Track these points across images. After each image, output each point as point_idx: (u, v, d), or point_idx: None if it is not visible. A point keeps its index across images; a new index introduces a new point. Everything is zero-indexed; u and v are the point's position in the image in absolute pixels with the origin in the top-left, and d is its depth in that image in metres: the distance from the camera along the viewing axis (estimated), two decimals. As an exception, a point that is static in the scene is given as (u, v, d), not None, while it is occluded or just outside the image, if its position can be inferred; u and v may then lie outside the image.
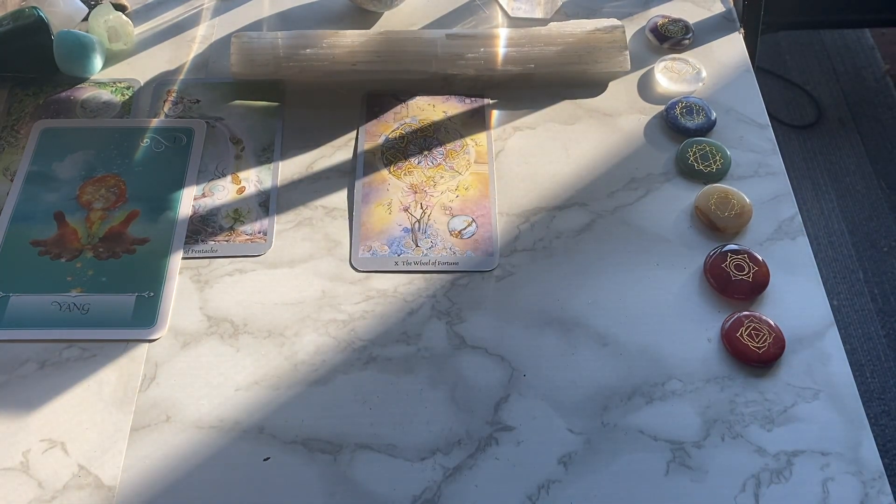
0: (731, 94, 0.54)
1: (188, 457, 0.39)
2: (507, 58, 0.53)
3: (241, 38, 0.54)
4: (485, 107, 0.53)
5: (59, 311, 0.43)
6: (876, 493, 0.37)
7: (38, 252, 0.46)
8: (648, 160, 0.50)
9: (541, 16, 0.58)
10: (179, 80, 0.54)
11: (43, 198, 0.48)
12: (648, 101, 0.54)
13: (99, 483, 0.38)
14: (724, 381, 0.41)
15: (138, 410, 0.40)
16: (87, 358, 0.42)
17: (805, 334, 0.43)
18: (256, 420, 0.40)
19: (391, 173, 0.50)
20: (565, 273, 0.45)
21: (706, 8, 0.60)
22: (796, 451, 0.39)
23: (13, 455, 0.39)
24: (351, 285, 0.45)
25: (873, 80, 1.60)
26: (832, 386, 0.41)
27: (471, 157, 0.50)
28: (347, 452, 0.39)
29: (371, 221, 0.47)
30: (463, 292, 0.44)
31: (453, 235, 0.47)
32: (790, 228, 0.47)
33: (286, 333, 0.43)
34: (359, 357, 0.42)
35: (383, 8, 0.58)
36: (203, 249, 0.46)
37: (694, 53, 0.56)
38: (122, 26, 0.55)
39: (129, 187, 0.49)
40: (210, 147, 0.51)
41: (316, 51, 0.53)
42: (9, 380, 0.41)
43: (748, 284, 0.44)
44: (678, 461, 0.39)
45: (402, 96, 0.54)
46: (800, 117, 1.54)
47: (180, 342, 0.43)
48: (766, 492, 0.38)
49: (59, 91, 0.54)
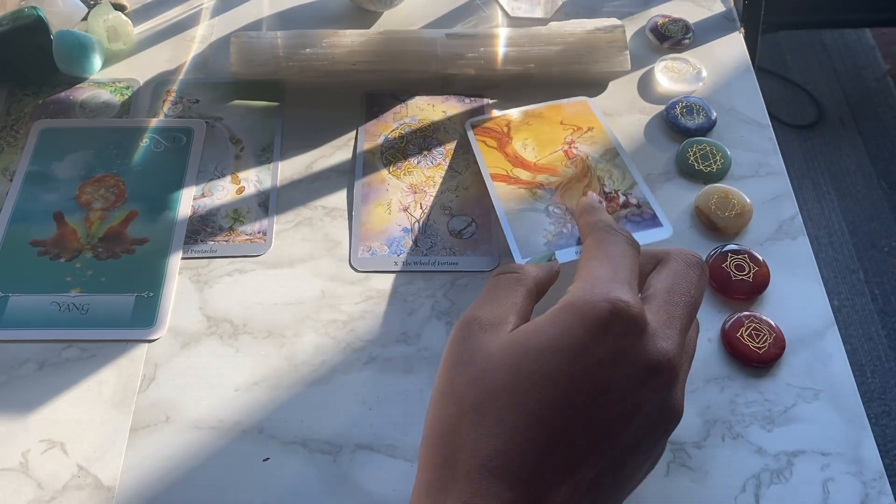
0: (731, 93, 0.54)
1: (188, 457, 0.39)
2: (507, 58, 0.53)
3: (240, 37, 0.54)
4: (485, 107, 0.53)
5: (58, 311, 0.43)
6: (876, 494, 0.37)
7: (38, 252, 0.46)
8: (648, 160, 0.50)
9: (541, 15, 0.58)
10: (179, 80, 0.54)
11: (42, 198, 0.48)
12: (648, 101, 0.54)
13: (98, 483, 0.38)
14: (724, 381, 0.41)
15: (138, 411, 0.40)
16: (86, 358, 0.42)
17: (805, 334, 0.43)
18: (256, 420, 0.40)
19: (391, 173, 0.50)
20: (565, 273, 0.45)
21: (706, 8, 0.60)
22: (796, 451, 0.39)
23: (12, 455, 0.39)
24: (351, 285, 0.45)
25: (874, 80, 1.60)
26: (832, 386, 0.41)
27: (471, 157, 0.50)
28: (347, 452, 0.39)
29: (371, 221, 0.47)
30: (463, 292, 0.44)
31: (453, 235, 0.47)
32: (790, 228, 0.47)
33: (286, 334, 0.43)
34: (359, 357, 0.42)
35: (383, 8, 0.58)
36: (203, 249, 0.46)
37: (694, 53, 0.56)
38: (121, 26, 0.55)
39: (128, 187, 0.49)
40: (210, 147, 0.51)
41: (316, 50, 0.53)
42: (8, 380, 0.41)
43: (748, 284, 0.44)
44: (678, 461, 0.39)
45: (402, 96, 0.54)
46: (800, 117, 1.54)
47: (180, 342, 0.42)
48: (766, 492, 0.38)
49: (59, 91, 0.54)
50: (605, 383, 0.30)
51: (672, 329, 0.32)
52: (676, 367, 0.32)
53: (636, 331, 0.31)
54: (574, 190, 0.48)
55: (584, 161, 0.49)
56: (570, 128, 0.51)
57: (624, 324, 0.31)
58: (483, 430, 0.30)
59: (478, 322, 0.33)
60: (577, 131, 0.51)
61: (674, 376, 0.32)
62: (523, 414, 0.30)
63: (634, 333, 0.31)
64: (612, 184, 0.47)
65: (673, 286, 0.34)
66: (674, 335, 0.32)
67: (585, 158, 0.49)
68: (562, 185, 0.48)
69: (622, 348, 0.31)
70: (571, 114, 0.52)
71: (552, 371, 0.30)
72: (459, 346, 0.33)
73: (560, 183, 0.48)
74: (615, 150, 0.49)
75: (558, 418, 0.30)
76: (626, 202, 0.46)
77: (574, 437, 0.30)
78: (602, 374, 0.30)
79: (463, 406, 0.31)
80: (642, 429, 0.31)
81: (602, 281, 0.33)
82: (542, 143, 0.50)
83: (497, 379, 0.31)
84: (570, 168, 0.48)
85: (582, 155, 0.49)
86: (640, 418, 0.31)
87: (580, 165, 0.48)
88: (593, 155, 0.49)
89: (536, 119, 0.52)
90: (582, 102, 0.52)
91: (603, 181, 0.48)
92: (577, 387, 0.30)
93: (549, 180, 0.48)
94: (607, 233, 0.36)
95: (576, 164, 0.49)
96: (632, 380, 0.31)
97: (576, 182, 0.48)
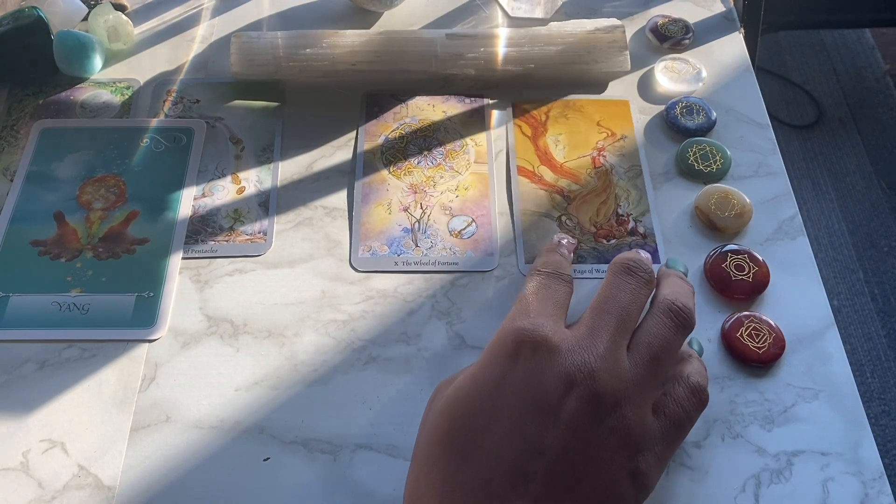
0: (731, 93, 0.54)
1: (188, 457, 0.39)
2: (507, 58, 0.53)
3: (240, 37, 0.54)
4: (485, 107, 0.53)
5: (58, 311, 0.43)
6: (876, 494, 0.38)
7: (38, 252, 0.46)
8: (648, 160, 0.50)
9: (541, 16, 0.58)
10: (179, 80, 0.54)
11: (43, 198, 0.48)
12: (648, 101, 0.54)
13: (99, 483, 0.38)
14: (723, 381, 0.41)
15: (138, 410, 0.40)
16: (86, 358, 0.42)
17: (805, 334, 0.43)
18: (256, 420, 0.40)
19: (391, 173, 0.50)
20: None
21: (706, 8, 0.60)
22: (796, 451, 0.39)
23: (13, 455, 0.39)
24: (351, 285, 0.45)
25: (873, 80, 1.60)
26: (832, 386, 0.41)
27: (471, 157, 0.50)
28: (347, 452, 0.39)
29: (371, 221, 0.47)
30: (463, 292, 0.44)
31: (453, 235, 0.47)
32: (790, 228, 0.47)
33: (286, 333, 0.43)
34: (359, 357, 0.42)
35: (383, 8, 0.58)
36: (203, 249, 0.46)
37: (694, 53, 0.56)
38: (121, 26, 0.55)
39: (128, 187, 0.49)
40: (210, 147, 0.51)
41: (316, 51, 0.53)
42: (8, 380, 0.41)
43: (748, 284, 0.44)
44: (678, 461, 0.39)
45: (402, 96, 0.54)
46: (800, 117, 1.54)
47: (180, 342, 0.43)
48: (766, 492, 0.38)
49: (59, 91, 0.54)
50: (524, 403, 0.32)
51: (596, 339, 0.33)
52: (600, 373, 0.32)
53: (545, 351, 0.33)
54: (590, 204, 0.47)
55: (608, 174, 0.49)
56: (605, 132, 0.51)
57: (530, 347, 0.33)
58: (435, 478, 0.32)
59: (443, 382, 0.37)
60: (610, 137, 0.51)
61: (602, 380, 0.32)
62: (461, 455, 0.32)
63: (543, 354, 0.33)
64: (627, 206, 0.47)
65: (601, 299, 0.36)
66: (597, 345, 0.33)
67: (610, 171, 0.49)
68: (580, 196, 0.48)
69: (533, 370, 0.32)
70: (610, 115, 0.52)
71: (477, 408, 0.32)
72: (426, 410, 0.36)
73: (579, 193, 0.48)
74: (640, 168, 0.49)
75: (489, 451, 0.31)
76: (633, 229, 0.46)
77: (508, 462, 0.31)
78: (520, 396, 0.32)
79: (419, 461, 0.33)
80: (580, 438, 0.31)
81: (512, 317, 0.35)
82: (574, 142, 0.50)
83: (441, 427, 0.33)
84: (593, 178, 0.48)
85: (607, 166, 0.49)
86: (567, 433, 0.31)
87: (603, 178, 0.49)
88: (618, 168, 0.49)
89: (576, 113, 0.52)
90: (624, 103, 0.53)
91: (619, 200, 0.47)
92: (501, 416, 0.32)
93: (571, 187, 0.48)
94: (531, 275, 0.39)
95: (600, 175, 0.49)
96: (551, 395, 0.32)
97: (594, 196, 0.48)
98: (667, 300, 0.36)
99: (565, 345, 0.33)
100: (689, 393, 0.35)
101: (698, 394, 0.36)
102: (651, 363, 0.34)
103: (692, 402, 0.35)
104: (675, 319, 0.36)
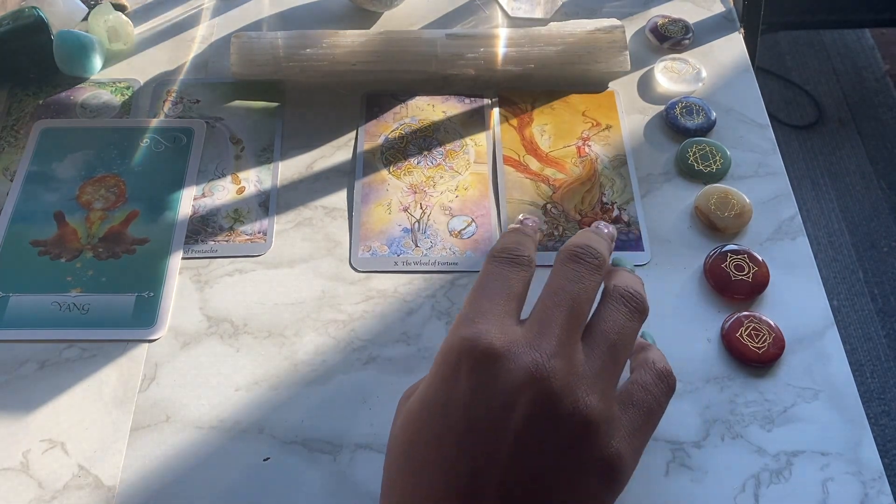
0: (731, 94, 0.54)
1: (188, 457, 0.39)
2: (507, 58, 0.53)
3: (241, 37, 0.54)
4: (484, 107, 0.53)
5: (58, 311, 0.43)
6: (876, 494, 0.38)
7: (38, 252, 0.46)
8: (648, 160, 0.50)
9: (541, 16, 0.58)
10: (179, 80, 0.54)
11: (43, 198, 0.48)
12: (648, 101, 0.54)
13: (99, 483, 0.38)
14: (723, 381, 0.41)
15: (138, 410, 0.40)
16: (86, 358, 0.42)
17: (805, 334, 0.43)
18: (256, 420, 0.40)
19: (391, 173, 0.50)
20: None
21: (706, 8, 0.60)
22: (796, 451, 0.39)
23: (13, 455, 0.39)
24: (351, 285, 0.45)
25: (873, 80, 1.60)
26: (832, 386, 0.41)
27: (470, 157, 0.50)
28: (347, 452, 0.39)
29: (371, 221, 0.47)
30: (463, 292, 0.44)
31: (453, 235, 0.47)
32: (790, 228, 0.47)
33: (286, 333, 0.43)
34: (358, 357, 0.42)
35: (383, 8, 0.58)
36: (203, 249, 0.46)
37: (694, 53, 0.56)
38: (121, 26, 0.55)
39: (128, 187, 0.49)
40: (210, 147, 0.51)
41: (316, 51, 0.53)
42: (9, 380, 0.41)
43: (748, 284, 0.44)
44: (678, 461, 0.39)
45: (402, 96, 0.54)
46: (800, 117, 1.54)
47: (180, 342, 0.43)
48: (765, 492, 0.38)
49: (59, 91, 0.54)
50: (469, 422, 0.30)
51: (546, 335, 0.31)
52: (553, 371, 0.30)
53: (489, 362, 0.31)
54: (575, 192, 0.48)
55: (592, 163, 0.49)
56: (590, 122, 0.51)
57: (473, 360, 0.31)
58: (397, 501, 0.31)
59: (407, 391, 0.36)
60: (595, 127, 0.51)
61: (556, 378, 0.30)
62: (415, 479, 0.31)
63: (486, 366, 0.31)
64: (612, 194, 0.48)
65: (548, 291, 0.33)
66: (547, 342, 0.31)
67: (595, 160, 0.49)
68: (565, 185, 0.48)
69: (477, 385, 0.30)
70: (595, 105, 0.52)
71: (426, 431, 0.31)
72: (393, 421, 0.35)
73: (565, 182, 0.48)
74: (624, 157, 0.49)
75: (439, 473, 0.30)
76: (618, 217, 0.47)
77: (456, 484, 0.30)
78: (465, 415, 0.30)
79: (384, 488, 0.33)
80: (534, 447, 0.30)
81: (457, 323, 0.33)
82: (559, 132, 0.51)
83: (396, 449, 0.32)
84: (577, 167, 0.49)
85: (592, 156, 0.49)
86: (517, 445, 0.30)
87: (588, 167, 0.49)
88: (603, 158, 0.49)
89: (561, 103, 0.52)
90: (609, 94, 0.53)
91: (604, 189, 0.48)
92: (448, 437, 0.30)
93: (556, 176, 0.48)
94: (485, 263, 0.35)
95: (584, 164, 0.49)
96: (497, 409, 0.30)
97: (579, 185, 0.48)
98: (618, 287, 0.35)
99: (513, 347, 0.31)
100: (656, 378, 0.34)
101: (666, 379, 0.34)
102: (609, 352, 0.32)
103: (661, 388, 0.33)
104: (629, 305, 0.34)
